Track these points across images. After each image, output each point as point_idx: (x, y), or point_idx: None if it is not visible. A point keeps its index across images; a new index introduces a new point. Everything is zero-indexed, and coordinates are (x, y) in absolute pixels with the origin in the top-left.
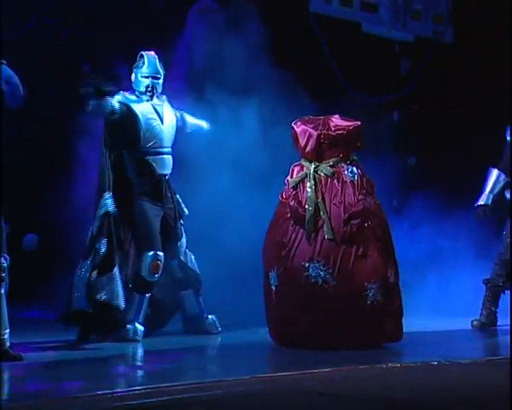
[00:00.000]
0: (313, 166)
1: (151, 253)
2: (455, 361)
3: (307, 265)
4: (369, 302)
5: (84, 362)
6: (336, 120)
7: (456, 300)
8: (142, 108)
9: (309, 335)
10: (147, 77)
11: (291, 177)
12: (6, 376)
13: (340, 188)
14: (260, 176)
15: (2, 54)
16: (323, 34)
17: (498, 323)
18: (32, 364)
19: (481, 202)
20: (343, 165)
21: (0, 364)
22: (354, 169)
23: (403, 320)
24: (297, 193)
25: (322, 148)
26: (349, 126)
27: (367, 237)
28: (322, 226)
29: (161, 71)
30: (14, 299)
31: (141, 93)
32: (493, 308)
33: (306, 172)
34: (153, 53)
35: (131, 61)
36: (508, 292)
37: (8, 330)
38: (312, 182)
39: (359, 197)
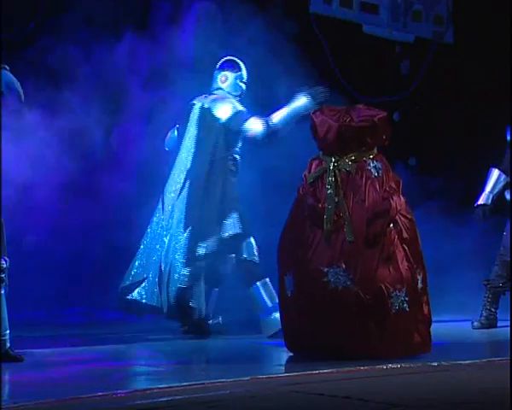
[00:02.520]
0: (333, 160)
1: (252, 237)
2: (455, 363)
3: (326, 270)
4: (393, 311)
5: (84, 363)
6: (360, 110)
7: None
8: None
9: (328, 345)
10: (244, 83)
11: (309, 171)
12: (6, 376)
13: (363, 185)
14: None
15: (3, 59)
16: (323, 35)
17: (498, 324)
18: (32, 364)
19: (481, 201)
20: (366, 159)
21: (0, 364)
22: (378, 164)
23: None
24: (315, 190)
25: (343, 141)
26: (374, 117)
27: (392, 239)
28: (343, 227)
29: None
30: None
31: (235, 96)
32: (493, 309)
33: (325, 168)
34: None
35: (132, 60)
36: (508, 293)
37: (8, 331)
38: (332, 178)
39: (384, 195)
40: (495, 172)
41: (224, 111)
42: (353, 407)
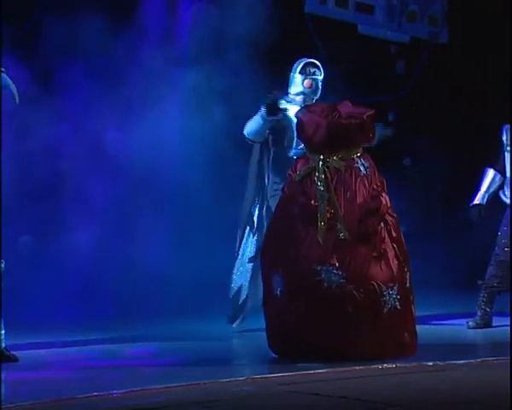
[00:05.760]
0: (321, 158)
1: None
2: (450, 362)
3: (319, 268)
4: (385, 310)
5: (79, 363)
6: (347, 107)
7: None
8: (293, 111)
9: (320, 345)
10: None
11: (294, 170)
12: (3, 376)
13: (353, 182)
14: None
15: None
16: (319, 35)
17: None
18: (28, 364)
19: (476, 201)
20: (354, 157)
21: (0, 365)
22: (366, 162)
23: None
24: (303, 188)
25: (332, 138)
26: (362, 114)
27: (383, 237)
28: (334, 225)
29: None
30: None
31: (315, 99)
32: (488, 309)
33: (313, 166)
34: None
35: (131, 59)
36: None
37: (3, 332)
38: (322, 176)
39: (374, 193)
40: (490, 172)
41: None
42: (350, 407)
